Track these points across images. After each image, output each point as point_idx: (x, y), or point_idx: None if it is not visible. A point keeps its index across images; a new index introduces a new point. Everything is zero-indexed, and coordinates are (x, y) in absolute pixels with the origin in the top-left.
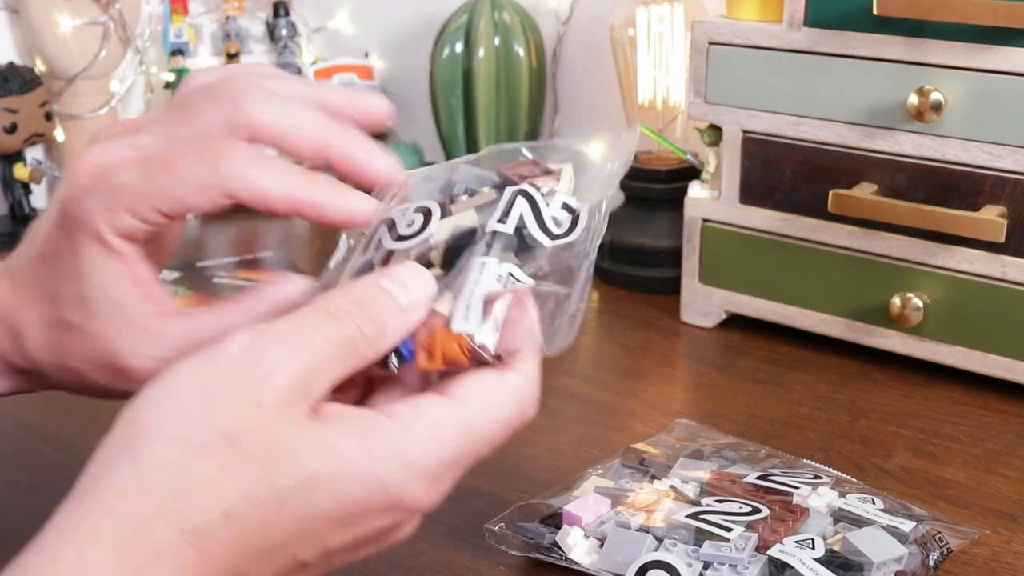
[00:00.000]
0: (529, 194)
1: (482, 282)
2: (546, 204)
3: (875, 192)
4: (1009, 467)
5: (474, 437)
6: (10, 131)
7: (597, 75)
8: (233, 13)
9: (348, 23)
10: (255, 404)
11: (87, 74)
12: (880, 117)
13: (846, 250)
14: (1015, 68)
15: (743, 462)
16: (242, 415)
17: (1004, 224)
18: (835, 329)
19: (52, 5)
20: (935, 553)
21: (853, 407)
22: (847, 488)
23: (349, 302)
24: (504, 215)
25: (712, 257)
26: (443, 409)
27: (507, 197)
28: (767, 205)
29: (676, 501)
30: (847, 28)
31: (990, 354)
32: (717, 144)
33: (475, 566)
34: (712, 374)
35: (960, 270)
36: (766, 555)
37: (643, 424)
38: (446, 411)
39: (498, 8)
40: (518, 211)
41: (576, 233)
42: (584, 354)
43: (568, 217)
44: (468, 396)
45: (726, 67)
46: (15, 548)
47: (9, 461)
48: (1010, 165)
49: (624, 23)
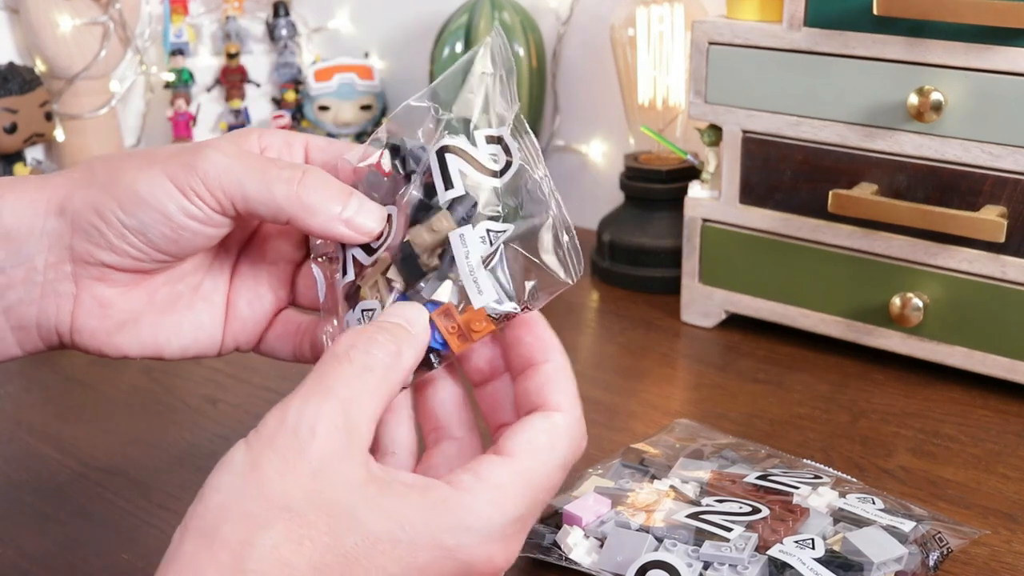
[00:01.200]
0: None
1: (471, 252)
2: (473, 146)
3: (875, 192)
4: (1009, 467)
5: (536, 489)
6: (10, 131)
7: (597, 75)
8: (233, 13)
9: (348, 23)
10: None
11: (87, 74)
12: (880, 117)
13: (846, 250)
14: (1015, 68)
15: (743, 462)
16: (296, 485)
17: (1004, 224)
18: (835, 329)
19: (52, 5)
20: (935, 553)
21: (853, 407)
22: (847, 488)
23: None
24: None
25: (712, 257)
26: (503, 470)
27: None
28: (767, 205)
29: (676, 501)
30: (847, 28)
31: (990, 354)
32: (717, 144)
33: None
34: (712, 374)
35: (960, 270)
36: (766, 555)
37: (643, 424)
38: (506, 471)
39: (498, 8)
40: (456, 168)
41: (515, 156)
42: (584, 354)
43: (498, 148)
44: (524, 451)
45: (726, 67)
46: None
47: (9, 461)
48: (1010, 165)
49: (624, 23)
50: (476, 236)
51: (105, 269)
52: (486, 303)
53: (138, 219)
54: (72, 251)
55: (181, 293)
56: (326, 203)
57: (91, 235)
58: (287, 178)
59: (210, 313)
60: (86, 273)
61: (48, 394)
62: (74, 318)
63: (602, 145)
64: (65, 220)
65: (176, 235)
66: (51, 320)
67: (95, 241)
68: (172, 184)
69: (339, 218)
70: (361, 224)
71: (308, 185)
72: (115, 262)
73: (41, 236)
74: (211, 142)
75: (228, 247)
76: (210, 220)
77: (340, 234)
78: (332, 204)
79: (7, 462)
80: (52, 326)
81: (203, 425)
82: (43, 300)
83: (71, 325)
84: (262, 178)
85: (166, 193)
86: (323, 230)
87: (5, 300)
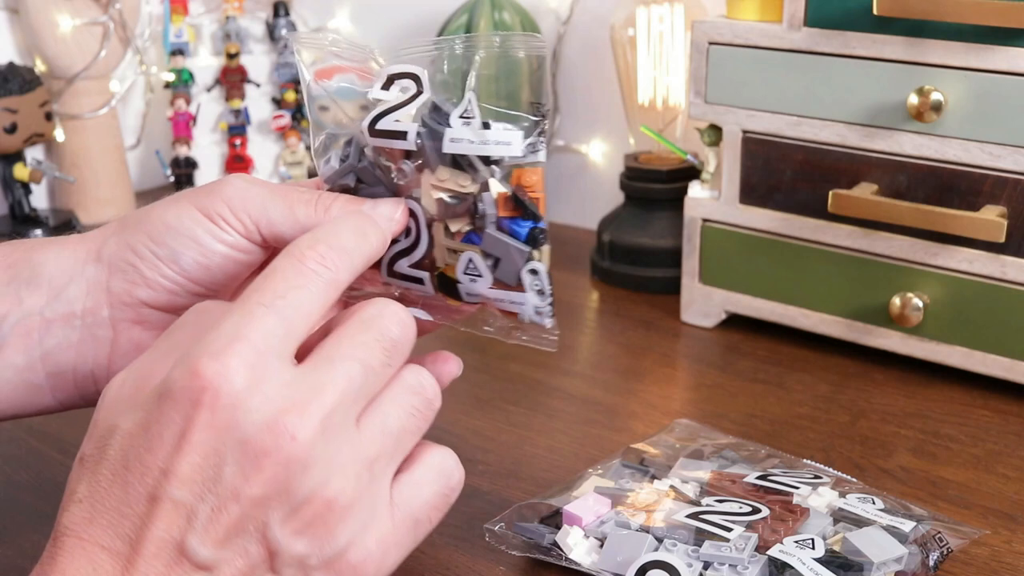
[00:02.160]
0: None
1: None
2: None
3: (875, 192)
4: (1009, 467)
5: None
6: (10, 131)
7: (597, 75)
8: (233, 13)
9: (348, 23)
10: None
11: (87, 74)
12: (880, 117)
13: (846, 250)
14: (1015, 68)
15: (743, 462)
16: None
17: (1004, 224)
18: (835, 329)
19: (52, 5)
20: (935, 553)
21: (853, 407)
22: (847, 488)
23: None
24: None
25: (712, 257)
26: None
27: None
28: (767, 205)
29: (676, 501)
30: (847, 28)
31: (990, 354)
32: (717, 144)
33: (475, 566)
34: (712, 374)
35: (960, 270)
36: (766, 555)
37: (643, 424)
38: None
39: (498, 8)
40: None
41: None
42: (584, 354)
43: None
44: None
45: (726, 67)
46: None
47: (9, 461)
48: (1010, 165)
49: (624, 23)
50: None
51: (142, 309)
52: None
53: (169, 248)
54: (109, 294)
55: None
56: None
57: (126, 272)
58: (307, 200)
59: None
60: (123, 315)
61: None
62: (110, 362)
63: (602, 145)
64: (102, 265)
65: (208, 260)
66: (88, 365)
67: (130, 278)
68: (199, 212)
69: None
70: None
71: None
72: (151, 298)
73: (80, 282)
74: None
75: None
76: (238, 245)
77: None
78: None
79: (7, 462)
80: (89, 371)
81: None
82: (80, 345)
83: (108, 368)
84: (284, 201)
85: (193, 220)
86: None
87: (44, 345)
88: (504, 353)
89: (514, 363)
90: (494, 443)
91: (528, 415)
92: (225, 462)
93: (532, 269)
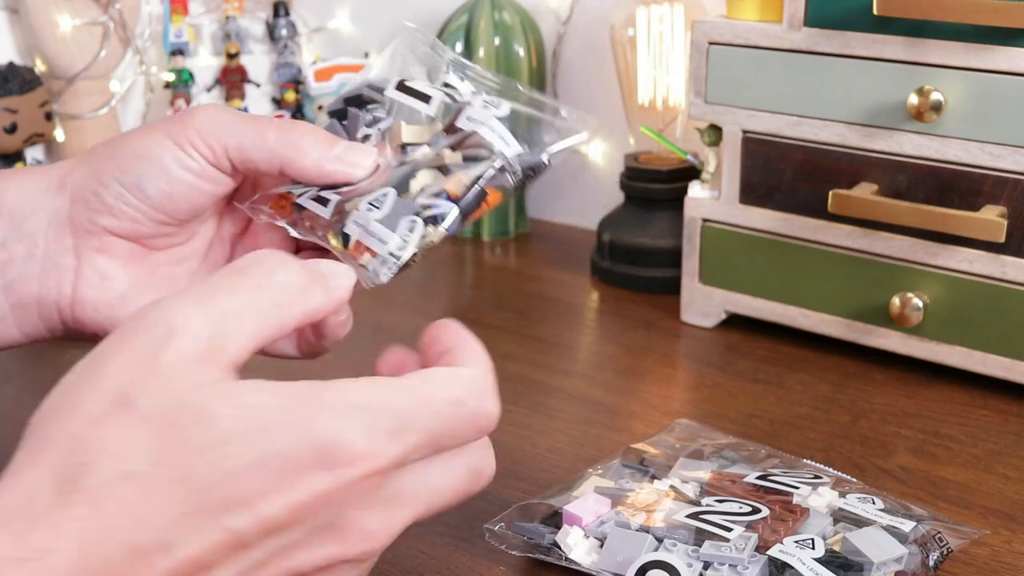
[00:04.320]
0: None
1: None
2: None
3: (875, 192)
4: (1009, 467)
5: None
6: (10, 131)
7: (597, 75)
8: (233, 13)
9: (348, 23)
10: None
11: (87, 74)
12: (880, 117)
13: (846, 250)
14: (1015, 68)
15: (743, 462)
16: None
17: (1004, 224)
18: (835, 329)
19: (52, 5)
20: (935, 553)
21: (853, 407)
22: (847, 488)
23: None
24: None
25: (712, 257)
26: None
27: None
28: (767, 205)
29: (676, 501)
30: (847, 28)
31: (990, 354)
32: (717, 144)
33: (475, 566)
34: (712, 374)
35: (960, 270)
36: (766, 555)
37: (643, 424)
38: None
39: (498, 8)
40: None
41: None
42: (584, 354)
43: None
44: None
45: (726, 67)
46: None
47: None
48: (1010, 165)
49: (624, 23)
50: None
51: (105, 237)
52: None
53: (134, 174)
54: (72, 222)
55: (179, 277)
56: (318, 144)
57: (89, 201)
58: (278, 125)
59: None
60: (86, 244)
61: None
62: (75, 290)
63: (602, 145)
64: (65, 194)
65: (172, 188)
66: (52, 295)
67: (93, 206)
68: (168, 139)
69: (332, 156)
70: (354, 158)
71: (299, 130)
72: (114, 226)
73: (42, 212)
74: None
75: (223, 239)
76: (204, 173)
77: (334, 170)
78: (323, 145)
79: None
80: (53, 301)
81: None
82: (44, 275)
83: (72, 297)
84: (255, 125)
85: (162, 147)
86: (317, 168)
87: (5, 276)
88: (504, 353)
89: (514, 363)
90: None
91: (528, 415)
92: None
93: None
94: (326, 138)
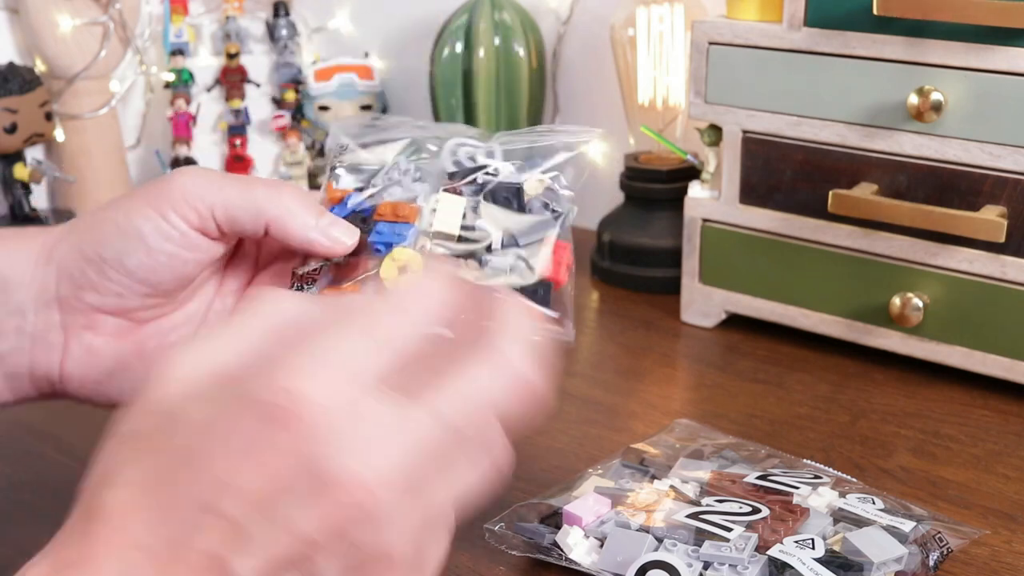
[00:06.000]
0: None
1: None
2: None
3: (875, 192)
4: (1009, 467)
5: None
6: (10, 131)
7: (597, 75)
8: (233, 13)
9: (348, 23)
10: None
11: (87, 74)
12: (880, 117)
13: (846, 250)
14: (1015, 68)
15: (743, 462)
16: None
17: (1004, 224)
18: (835, 329)
19: (52, 5)
20: (935, 553)
21: (853, 407)
22: (847, 488)
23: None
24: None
25: (712, 257)
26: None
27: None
28: (767, 205)
29: (676, 501)
30: (847, 28)
31: (990, 354)
32: (717, 144)
33: (475, 566)
34: (712, 374)
35: (960, 270)
36: (766, 555)
37: (643, 424)
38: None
39: (498, 8)
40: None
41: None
42: (584, 354)
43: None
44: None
45: (726, 67)
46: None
47: (9, 461)
48: (1010, 165)
49: (624, 23)
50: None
51: (93, 315)
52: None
53: (114, 248)
54: (59, 298)
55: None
56: (304, 210)
57: (74, 277)
58: (267, 183)
59: None
60: (74, 321)
61: None
62: (62, 367)
63: (602, 145)
64: (52, 267)
65: (153, 260)
66: (42, 369)
67: (77, 282)
68: (150, 208)
69: (316, 227)
70: (336, 235)
71: (288, 190)
72: (99, 303)
73: (31, 285)
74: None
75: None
76: (186, 241)
77: (316, 241)
78: (309, 213)
79: (7, 462)
80: (43, 375)
81: None
82: (34, 349)
83: (60, 374)
84: (241, 183)
85: (143, 217)
86: (301, 235)
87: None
88: None
89: None
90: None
91: None
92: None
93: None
94: (314, 204)
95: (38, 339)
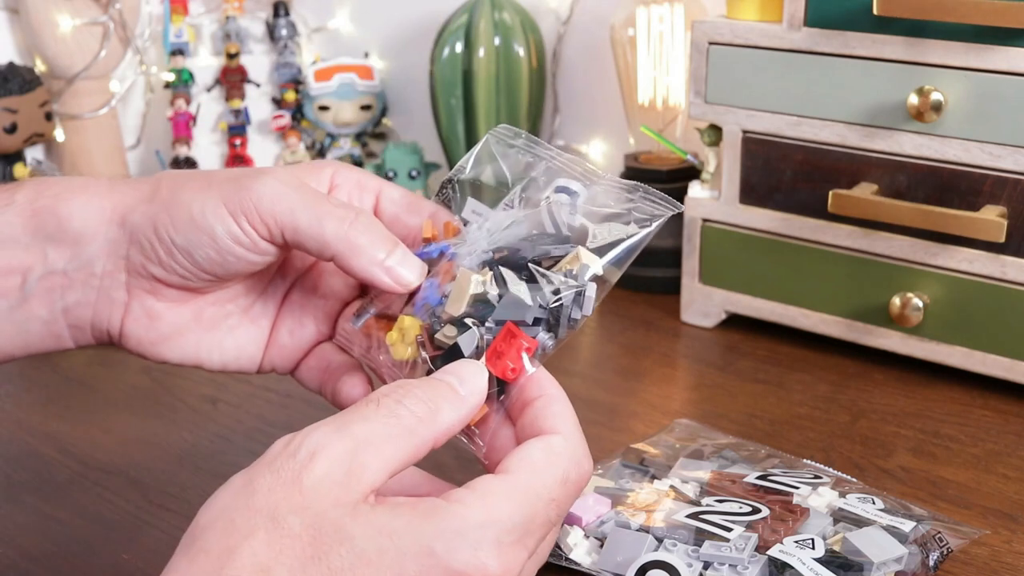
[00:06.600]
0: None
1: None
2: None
3: (875, 192)
4: (1009, 467)
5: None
6: (10, 131)
7: (597, 75)
8: (233, 13)
9: (348, 23)
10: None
11: (87, 74)
12: (880, 117)
13: (846, 250)
14: (1015, 68)
15: (743, 462)
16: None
17: (1004, 224)
18: (835, 329)
19: (52, 5)
20: (935, 553)
21: (853, 407)
22: (847, 488)
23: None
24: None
25: (712, 257)
26: (496, 482)
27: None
28: (767, 205)
29: (676, 501)
30: (847, 28)
31: (990, 354)
32: (717, 144)
33: None
34: (712, 374)
35: (960, 270)
36: (766, 555)
37: (643, 424)
38: (498, 482)
39: (498, 8)
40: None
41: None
42: (584, 354)
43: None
44: (518, 466)
45: (726, 67)
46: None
47: (9, 461)
48: (1010, 165)
49: (624, 23)
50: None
51: (155, 283)
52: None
53: (187, 239)
54: (128, 261)
55: (230, 312)
56: (372, 246)
57: (145, 249)
58: (340, 216)
59: (254, 335)
60: (138, 284)
61: (48, 394)
62: (123, 325)
63: (602, 145)
64: (125, 231)
65: (221, 258)
66: (104, 323)
67: (148, 255)
68: (225, 208)
69: (381, 264)
70: (400, 274)
71: (358, 227)
72: (164, 277)
73: (103, 243)
74: (272, 170)
75: (285, 274)
76: (256, 247)
77: (378, 279)
78: (377, 249)
79: (7, 462)
80: (104, 328)
81: (203, 425)
82: (98, 304)
83: (120, 331)
84: (315, 211)
85: (217, 216)
86: (364, 272)
87: (65, 300)
88: None
89: None
90: None
91: None
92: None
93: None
94: (383, 241)
95: (103, 294)
